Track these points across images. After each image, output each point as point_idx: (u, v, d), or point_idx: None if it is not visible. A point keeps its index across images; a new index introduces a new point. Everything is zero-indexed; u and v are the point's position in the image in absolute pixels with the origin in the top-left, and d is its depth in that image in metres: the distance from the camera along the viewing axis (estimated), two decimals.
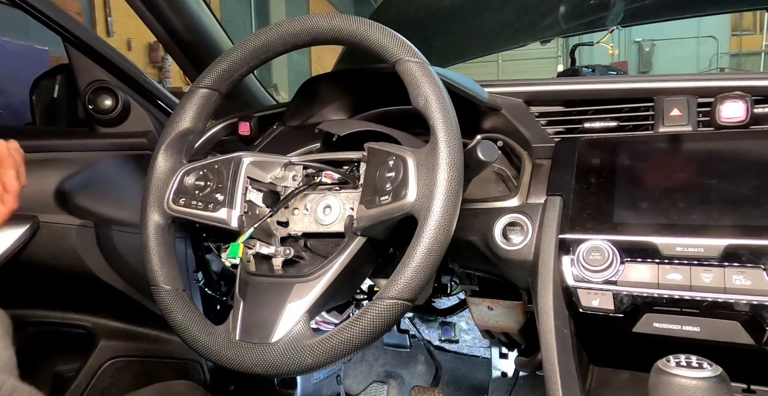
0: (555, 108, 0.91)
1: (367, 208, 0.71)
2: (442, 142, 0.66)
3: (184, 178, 0.81)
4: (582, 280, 0.72)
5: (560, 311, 0.75)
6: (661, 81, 0.85)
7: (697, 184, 0.73)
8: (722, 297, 0.66)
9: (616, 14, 1.58)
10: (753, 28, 9.18)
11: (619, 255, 0.71)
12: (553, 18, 1.66)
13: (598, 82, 0.89)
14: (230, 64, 0.81)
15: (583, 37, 2.02)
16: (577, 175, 0.80)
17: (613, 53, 2.54)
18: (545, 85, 0.91)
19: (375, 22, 0.72)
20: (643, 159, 0.79)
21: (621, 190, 0.76)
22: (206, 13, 1.30)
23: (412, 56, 0.70)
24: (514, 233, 0.81)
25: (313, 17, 0.76)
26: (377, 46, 0.71)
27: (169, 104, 1.31)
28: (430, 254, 0.64)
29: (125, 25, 4.67)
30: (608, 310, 0.72)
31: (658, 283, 0.69)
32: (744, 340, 0.68)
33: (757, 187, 0.70)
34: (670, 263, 0.69)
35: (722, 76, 0.88)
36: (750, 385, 0.77)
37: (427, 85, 0.68)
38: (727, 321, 0.68)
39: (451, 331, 1.50)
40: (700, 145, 0.78)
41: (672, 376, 0.59)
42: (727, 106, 0.78)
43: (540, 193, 0.83)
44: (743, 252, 0.65)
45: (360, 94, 0.98)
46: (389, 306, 0.65)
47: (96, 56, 1.17)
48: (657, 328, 0.72)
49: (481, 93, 0.85)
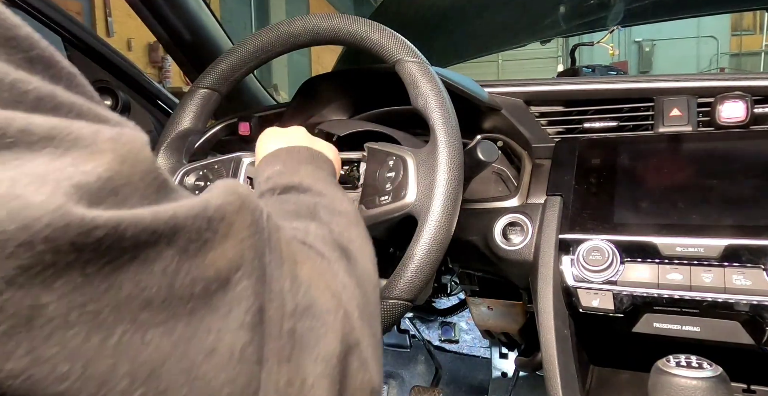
0: (555, 108, 0.91)
1: (367, 208, 0.71)
2: (442, 142, 0.66)
3: (184, 178, 0.81)
4: (582, 280, 0.72)
5: (560, 311, 0.75)
6: (661, 81, 0.85)
7: (697, 184, 0.73)
8: (722, 297, 0.66)
9: (616, 14, 1.58)
10: (753, 28, 9.17)
11: (619, 255, 0.71)
12: (553, 18, 1.66)
13: (598, 82, 0.89)
14: (230, 64, 0.81)
15: (583, 37, 2.03)
16: (577, 175, 0.80)
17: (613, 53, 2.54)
18: (545, 85, 0.91)
19: (375, 22, 0.72)
20: (643, 159, 0.79)
21: (621, 190, 0.76)
22: (206, 13, 1.30)
23: (412, 56, 0.70)
24: (514, 233, 0.81)
25: (313, 17, 0.75)
26: (377, 46, 0.71)
27: (169, 104, 1.31)
28: (430, 254, 0.64)
29: (125, 25, 4.67)
30: (608, 310, 0.72)
31: (658, 283, 0.69)
32: (744, 340, 0.68)
33: (757, 187, 0.70)
34: (670, 263, 0.69)
35: (722, 76, 0.88)
36: (750, 385, 0.77)
37: (426, 85, 0.68)
38: (727, 321, 0.68)
39: (451, 331, 1.50)
40: (700, 145, 0.78)
41: (672, 376, 0.59)
42: (727, 106, 0.78)
43: (540, 193, 0.83)
44: (743, 252, 0.65)
45: (360, 94, 0.98)
46: (389, 306, 0.65)
47: (96, 56, 1.17)
48: (657, 328, 0.72)
49: (481, 93, 0.85)
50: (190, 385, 0.21)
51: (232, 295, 0.23)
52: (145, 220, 0.20)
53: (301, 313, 0.27)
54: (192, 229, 0.22)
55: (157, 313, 0.21)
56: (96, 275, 0.19)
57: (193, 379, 0.21)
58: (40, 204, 0.18)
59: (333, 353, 0.28)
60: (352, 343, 0.30)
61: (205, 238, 0.22)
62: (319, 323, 0.28)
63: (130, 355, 0.20)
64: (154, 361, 0.20)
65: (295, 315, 0.27)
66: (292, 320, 0.26)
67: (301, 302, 0.27)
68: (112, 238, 0.19)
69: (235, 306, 0.23)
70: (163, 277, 0.21)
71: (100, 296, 0.19)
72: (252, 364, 0.24)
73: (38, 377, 0.18)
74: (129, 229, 0.20)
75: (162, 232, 0.21)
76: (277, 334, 0.25)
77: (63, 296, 0.18)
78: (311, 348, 0.27)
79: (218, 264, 0.23)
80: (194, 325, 0.22)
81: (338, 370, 0.28)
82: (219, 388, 0.22)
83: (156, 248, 0.21)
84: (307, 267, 0.30)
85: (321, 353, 0.27)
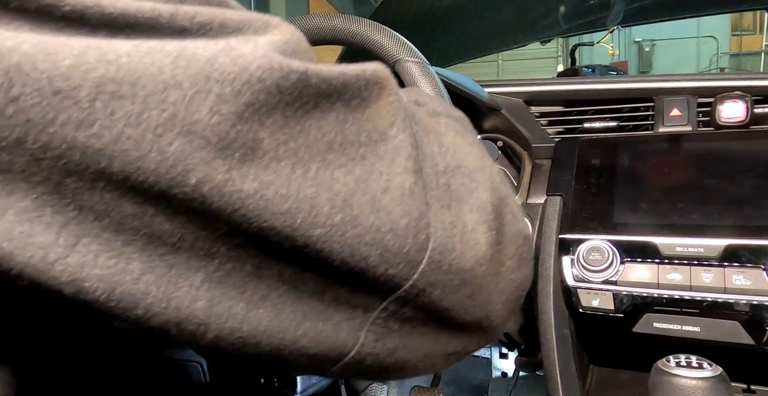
0: (555, 108, 0.91)
1: None
2: None
3: None
4: (582, 280, 0.72)
5: (560, 311, 0.75)
6: (661, 81, 0.85)
7: (697, 184, 0.73)
8: (722, 297, 0.66)
9: (616, 14, 1.58)
10: (753, 28, 9.18)
11: (619, 255, 0.71)
12: (553, 18, 1.66)
13: (598, 82, 0.89)
14: None
15: (583, 37, 2.03)
16: (577, 175, 0.80)
17: (613, 53, 2.54)
18: (545, 85, 0.91)
19: (375, 23, 0.72)
20: (643, 159, 0.79)
21: (621, 190, 0.76)
22: None
23: (412, 56, 0.70)
24: None
25: (313, 17, 0.75)
26: (377, 47, 0.71)
27: None
28: None
29: None
30: (608, 310, 0.72)
31: (658, 283, 0.69)
32: (744, 340, 0.68)
33: (757, 187, 0.70)
34: (670, 263, 0.69)
35: (722, 76, 0.88)
36: (750, 385, 0.77)
37: (427, 85, 0.68)
38: (727, 321, 0.68)
39: None
40: (700, 145, 0.78)
41: (672, 376, 0.59)
42: (727, 106, 0.78)
43: (540, 192, 0.83)
44: (743, 252, 0.66)
45: None
46: None
47: None
48: (657, 328, 0.72)
49: (481, 93, 0.85)
50: (375, 214, 0.25)
51: (393, 145, 0.27)
52: (322, 72, 0.24)
53: (452, 170, 0.30)
54: (355, 86, 0.25)
55: (338, 156, 0.24)
56: (292, 117, 0.23)
57: (377, 209, 0.25)
58: (251, 52, 0.21)
59: (486, 203, 0.31)
60: (502, 197, 0.33)
61: (363, 96, 0.26)
62: (468, 179, 0.31)
63: (326, 186, 0.24)
64: (345, 193, 0.24)
65: (447, 172, 0.30)
66: (445, 176, 0.30)
67: (451, 162, 0.30)
68: (302, 83, 0.23)
69: (397, 154, 0.26)
70: (337, 124, 0.24)
71: (297, 136, 0.23)
72: (421, 202, 0.27)
73: (268, 197, 0.22)
74: (312, 77, 0.23)
75: (335, 86, 0.24)
76: (435, 186, 0.28)
77: (273, 133, 0.22)
78: (466, 199, 0.30)
79: (375, 119, 0.26)
80: (367, 168, 0.25)
81: (493, 218, 0.31)
82: (398, 218, 0.26)
83: (330, 99, 0.24)
84: (449, 137, 0.32)
85: (476, 203, 0.31)
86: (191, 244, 0.22)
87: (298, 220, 0.23)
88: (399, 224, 0.26)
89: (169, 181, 0.20)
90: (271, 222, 0.22)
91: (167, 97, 0.20)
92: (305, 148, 0.23)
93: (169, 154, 0.20)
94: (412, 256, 0.27)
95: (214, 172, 0.21)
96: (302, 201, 0.23)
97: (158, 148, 0.20)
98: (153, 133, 0.20)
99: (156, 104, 0.20)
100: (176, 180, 0.20)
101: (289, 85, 0.22)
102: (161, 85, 0.20)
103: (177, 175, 0.20)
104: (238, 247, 0.23)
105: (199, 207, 0.21)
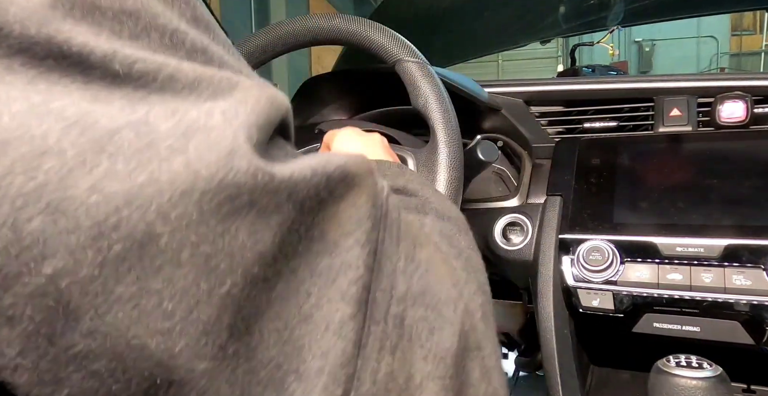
0: (555, 108, 0.91)
1: None
2: (442, 142, 0.66)
3: None
4: (582, 280, 0.72)
5: (560, 311, 0.75)
6: (661, 81, 0.85)
7: (697, 184, 0.73)
8: (722, 297, 0.66)
9: (616, 14, 1.58)
10: (753, 28, 9.18)
11: (619, 255, 0.71)
12: (553, 18, 1.66)
13: (598, 82, 0.89)
14: None
15: (583, 37, 2.02)
16: (577, 175, 0.80)
17: (613, 53, 2.54)
18: (545, 85, 0.91)
19: (375, 22, 0.72)
20: (643, 159, 0.79)
21: (621, 190, 0.76)
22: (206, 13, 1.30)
23: (412, 56, 0.70)
24: (514, 233, 0.81)
25: (314, 17, 0.75)
26: (377, 46, 0.71)
27: None
28: None
29: None
30: (608, 310, 0.72)
31: (658, 283, 0.69)
32: (744, 340, 0.68)
33: (757, 187, 0.70)
34: (670, 263, 0.69)
35: (722, 76, 0.88)
36: (750, 385, 0.77)
37: (426, 85, 0.68)
38: (727, 321, 0.68)
39: None
40: (700, 145, 0.78)
41: (672, 376, 0.59)
42: (727, 106, 0.78)
43: (540, 193, 0.83)
44: (743, 252, 0.66)
45: (360, 94, 0.98)
46: None
47: None
48: (657, 328, 0.72)
49: (481, 93, 0.85)
50: (279, 347, 0.20)
51: (340, 261, 0.21)
52: (268, 168, 0.20)
53: (414, 298, 0.23)
54: (310, 184, 0.21)
55: (266, 268, 0.19)
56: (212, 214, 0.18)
57: (283, 342, 0.20)
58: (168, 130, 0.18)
59: (449, 352, 0.23)
60: (472, 345, 0.25)
61: (320, 197, 0.21)
62: (432, 313, 0.24)
63: (234, 308, 0.19)
64: (251, 317, 0.19)
65: (406, 300, 0.23)
66: (402, 305, 0.23)
67: (415, 286, 0.24)
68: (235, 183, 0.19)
69: (340, 274, 0.21)
70: (278, 231, 0.19)
71: (215, 239, 0.18)
72: (348, 343, 0.21)
73: (145, 308, 0.17)
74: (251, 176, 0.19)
75: (283, 184, 0.20)
76: (382, 318, 0.22)
77: (177, 230, 0.18)
78: (422, 341, 0.23)
79: (327, 225, 0.21)
80: (294, 286, 0.20)
81: (453, 374, 0.23)
82: (309, 359, 0.20)
83: (274, 201, 0.19)
84: (426, 251, 0.26)
85: (433, 349, 0.23)
86: None
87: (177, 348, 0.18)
88: (309, 367, 0.20)
89: (21, 265, 0.16)
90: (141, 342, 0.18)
91: (41, 164, 0.17)
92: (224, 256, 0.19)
93: (25, 234, 0.16)
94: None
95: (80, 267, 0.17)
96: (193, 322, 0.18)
97: (13, 222, 0.16)
98: (10, 204, 0.16)
99: (24, 170, 0.16)
100: (29, 266, 0.16)
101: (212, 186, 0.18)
102: (39, 149, 0.17)
103: (31, 261, 0.16)
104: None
105: (53, 303, 0.17)
